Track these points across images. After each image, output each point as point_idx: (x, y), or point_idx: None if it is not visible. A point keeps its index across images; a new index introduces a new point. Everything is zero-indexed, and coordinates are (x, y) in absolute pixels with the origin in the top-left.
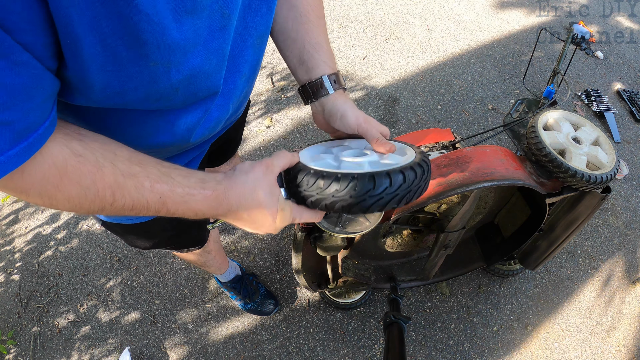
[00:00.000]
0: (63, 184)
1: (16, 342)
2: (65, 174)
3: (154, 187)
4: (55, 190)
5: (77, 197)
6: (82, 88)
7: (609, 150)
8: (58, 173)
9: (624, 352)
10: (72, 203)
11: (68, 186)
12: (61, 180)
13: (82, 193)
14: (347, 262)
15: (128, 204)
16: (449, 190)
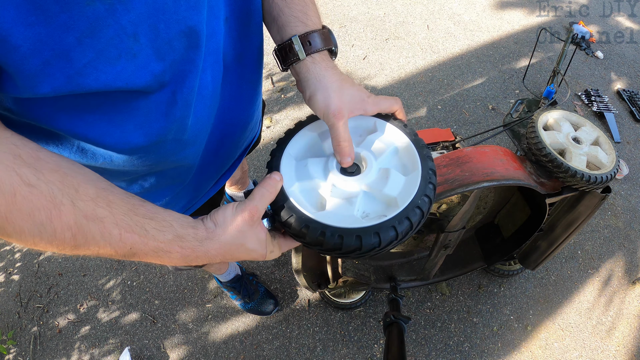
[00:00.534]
0: (12, 216)
1: (16, 342)
2: (13, 203)
3: (123, 236)
4: (4, 221)
5: (29, 233)
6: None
7: (609, 150)
8: (4, 201)
9: (624, 352)
10: (24, 239)
11: (18, 219)
12: (9, 210)
13: (35, 230)
14: (347, 262)
15: (92, 250)
16: (449, 190)
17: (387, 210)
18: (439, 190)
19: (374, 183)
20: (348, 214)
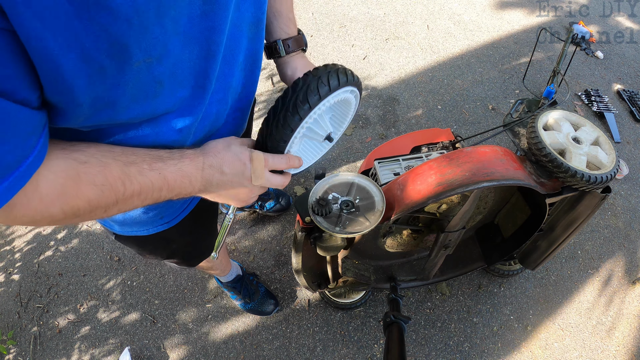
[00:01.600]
0: (81, 190)
1: (16, 342)
2: (80, 180)
3: (152, 166)
4: (75, 199)
5: (95, 197)
6: (71, 108)
7: (609, 150)
8: (74, 182)
9: (624, 352)
10: (92, 205)
11: (86, 190)
12: (78, 187)
13: (98, 192)
14: (347, 262)
15: (136, 188)
16: (449, 190)
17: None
18: (439, 190)
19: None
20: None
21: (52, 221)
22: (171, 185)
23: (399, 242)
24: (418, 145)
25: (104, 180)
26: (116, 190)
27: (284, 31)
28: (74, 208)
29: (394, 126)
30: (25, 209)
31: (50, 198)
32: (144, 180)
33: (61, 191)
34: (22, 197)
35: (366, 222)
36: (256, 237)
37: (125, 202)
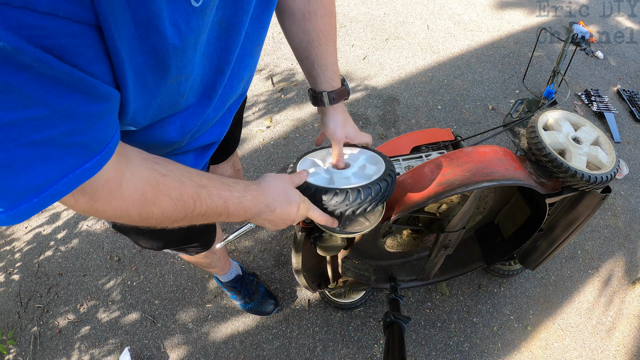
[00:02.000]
0: (159, 200)
1: (16, 342)
2: (159, 190)
3: (220, 194)
4: (152, 206)
5: (169, 209)
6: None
7: (609, 150)
8: (153, 190)
9: (624, 352)
10: (165, 215)
11: (162, 200)
12: (157, 196)
13: (172, 205)
14: (347, 262)
15: (203, 209)
16: (449, 190)
17: (372, 179)
18: (439, 190)
19: (358, 171)
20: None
21: (128, 221)
22: (230, 213)
23: (399, 242)
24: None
25: (178, 196)
26: (187, 207)
27: (330, 84)
28: (149, 214)
29: (394, 126)
30: (107, 204)
31: (131, 200)
32: (211, 204)
33: (141, 196)
34: (105, 192)
35: (366, 222)
36: (256, 237)
37: (191, 219)
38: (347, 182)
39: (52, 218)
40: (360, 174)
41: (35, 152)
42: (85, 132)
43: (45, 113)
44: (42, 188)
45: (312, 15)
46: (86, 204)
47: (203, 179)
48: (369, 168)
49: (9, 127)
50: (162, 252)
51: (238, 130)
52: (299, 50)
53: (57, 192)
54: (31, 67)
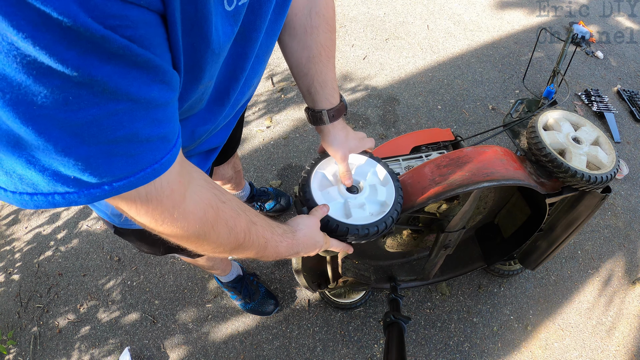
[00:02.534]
0: (217, 224)
1: (16, 342)
2: (219, 214)
3: (264, 234)
4: (210, 229)
5: (224, 235)
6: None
7: (609, 150)
8: (214, 213)
9: (624, 352)
10: (218, 242)
11: (220, 225)
12: (217, 220)
13: (227, 232)
14: (347, 262)
15: (248, 244)
16: (449, 190)
17: (383, 208)
18: (439, 190)
19: (370, 194)
20: (364, 216)
21: (183, 240)
22: (266, 253)
23: (399, 242)
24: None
25: (233, 225)
26: (237, 238)
27: (329, 101)
28: (206, 235)
29: (394, 126)
30: (170, 217)
31: (194, 217)
32: (256, 240)
33: (203, 215)
34: (171, 202)
35: None
36: None
37: (237, 251)
38: (362, 212)
39: (52, 218)
40: (373, 199)
41: (117, 148)
42: (165, 123)
43: (128, 106)
44: (118, 179)
45: (314, 30)
46: (148, 215)
47: (254, 216)
48: (380, 191)
49: (90, 125)
50: None
51: (239, 132)
52: (298, 67)
53: (131, 184)
54: (117, 57)
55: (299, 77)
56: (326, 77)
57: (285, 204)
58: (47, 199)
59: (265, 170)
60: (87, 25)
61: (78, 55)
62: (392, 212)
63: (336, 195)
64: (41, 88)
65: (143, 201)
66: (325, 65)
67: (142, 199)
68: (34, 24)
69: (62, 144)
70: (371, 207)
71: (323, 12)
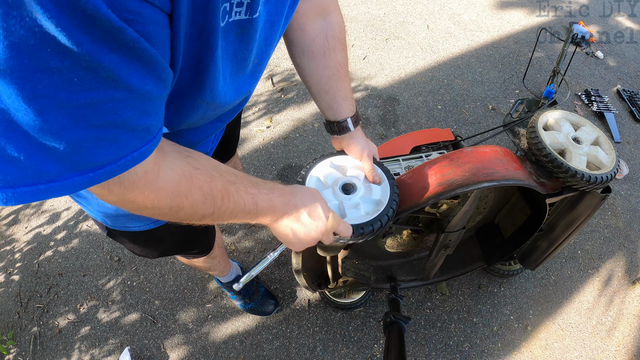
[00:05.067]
0: (191, 192)
1: (16, 342)
2: (192, 183)
3: (248, 190)
4: (184, 199)
5: (199, 202)
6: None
7: (609, 150)
8: (187, 182)
9: (624, 352)
10: (194, 209)
11: (194, 193)
12: (190, 188)
13: (202, 199)
14: (347, 262)
15: (231, 206)
16: (449, 190)
17: (378, 207)
18: (439, 190)
19: (365, 194)
20: (358, 216)
21: (155, 213)
22: (258, 212)
23: (399, 242)
24: (418, 145)
25: (208, 190)
26: (215, 202)
27: (350, 110)
28: (179, 206)
29: (394, 126)
30: (141, 196)
31: (165, 192)
32: (239, 200)
33: (175, 187)
34: (142, 184)
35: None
36: (256, 237)
37: (218, 216)
38: (357, 211)
39: (52, 218)
40: (367, 199)
41: (105, 133)
42: (152, 116)
43: (125, 95)
44: (100, 165)
45: (331, 52)
46: (119, 195)
47: (232, 176)
48: (375, 190)
49: (86, 108)
50: None
51: (237, 131)
52: (319, 85)
53: (112, 171)
54: (126, 48)
55: (320, 94)
56: (346, 91)
57: None
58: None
59: (265, 170)
60: (108, 16)
61: (92, 40)
62: (387, 210)
63: (330, 197)
64: (52, 66)
65: (116, 184)
66: (343, 81)
67: (115, 182)
68: (61, 6)
69: (58, 125)
70: (366, 207)
71: (337, 35)
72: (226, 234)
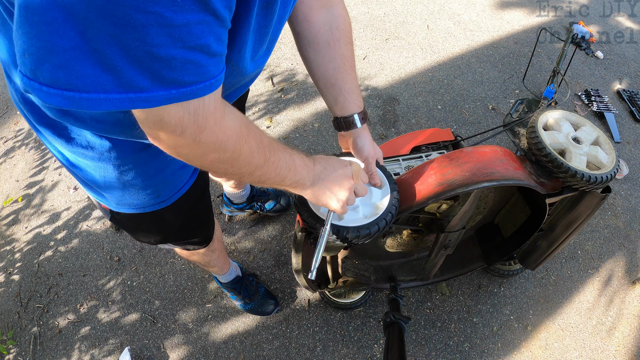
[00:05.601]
0: (249, 138)
1: (16, 342)
2: (249, 129)
3: (286, 150)
4: (244, 143)
5: (255, 149)
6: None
7: (609, 150)
8: (246, 128)
9: (624, 352)
10: (251, 156)
11: (251, 140)
12: (248, 134)
13: (257, 146)
14: (347, 262)
15: (275, 161)
16: (449, 190)
17: (377, 210)
18: (439, 190)
19: (365, 197)
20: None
21: (219, 158)
22: (297, 169)
23: (399, 242)
24: (418, 145)
25: (260, 141)
26: (265, 153)
27: (358, 106)
28: (240, 151)
29: (394, 126)
30: (211, 134)
31: (230, 132)
32: (281, 157)
33: (238, 130)
34: (212, 121)
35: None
36: (256, 237)
37: (267, 169)
38: (355, 214)
39: (52, 218)
40: (367, 202)
41: (193, 56)
42: (223, 47)
43: (211, 20)
44: (184, 84)
45: (336, 43)
46: (191, 135)
47: (272, 141)
48: (375, 193)
49: (182, 28)
50: (162, 252)
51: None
52: (325, 78)
53: (192, 93)
54: None
55: (326, 88)
56: (352, 85)
57: (285, 203)
58: (121, 96)
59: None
60: None
61: None
62: (386, 215)
63: None
64: None
65: (190, 122)
66: (349, 74)
67: (190, 115)
68: None
69: (157, 41)
70: (365, 210)
71: (342, 27)
72: (226, 234)
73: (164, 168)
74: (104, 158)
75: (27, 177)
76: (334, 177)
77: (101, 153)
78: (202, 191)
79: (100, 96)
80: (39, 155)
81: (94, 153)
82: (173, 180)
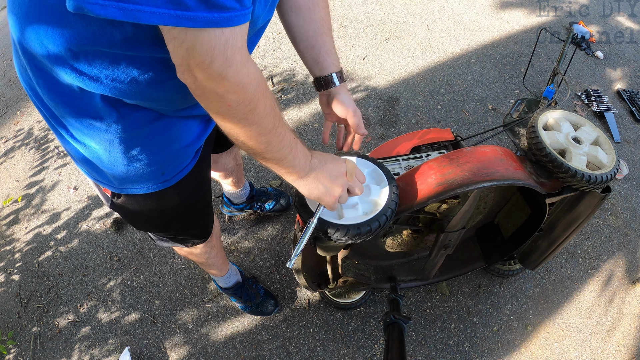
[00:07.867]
0: (266, 94)
1: (16, 342)
2: (267, 88)
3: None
4: (261, 97)
5: (269, 107)
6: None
7: (609, 150)
8: (265, 84)
9: (624, 352)
10: (264, 113)
11: (267, 97)
12: (266, 90)
13: (269, 108)
14: (347, 262)
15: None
16: (449, 190)
17: (376, 207)
18: (439, 190)
19: (364, 194)
20: (356, 216)
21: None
22: (297, 154)
23: (399, 242)
24: (418, 145)
25: (273, 106)
26: (275, 120)
27: (336, 65)
28: (256, 103)
29: (394, 126)
30: (236, 72)
31: (252, 77)
32: (287, 133)
33: (259, 79)
34: (239, 58)
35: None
36: (256, 237)
37: (272, 136)
38: (355, 211)
39: (52, 218)
40: (366, 199)
41: None
42: None
43: None
44: (225, 10)
45: (315, 7)
46: (219, 68)
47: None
48: (374, 190)
49: None
50: (162, 252)
51: None
52: (306, 40)
53: (230, 19)
54: None
55: (306, 49)
56: (330, 46)
57: (285, 203)
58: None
59: (265, 170)
60: None
61: None
62: (386, 211)
63: None
64: None
65: (221, 47)
66: (328, 36)
67: (221, 45)
68: None
69: None
70: (364, 207)
71: None
72: (226, 234)
73: (169, 144)
74: (111, 130)
75: (27, 177)
76: (328, 173)
77: (109, 124)
78: (203, 177)
79: (152, 10)
80: (39, 155)
81: (102, 124)
82: (177, 158)
